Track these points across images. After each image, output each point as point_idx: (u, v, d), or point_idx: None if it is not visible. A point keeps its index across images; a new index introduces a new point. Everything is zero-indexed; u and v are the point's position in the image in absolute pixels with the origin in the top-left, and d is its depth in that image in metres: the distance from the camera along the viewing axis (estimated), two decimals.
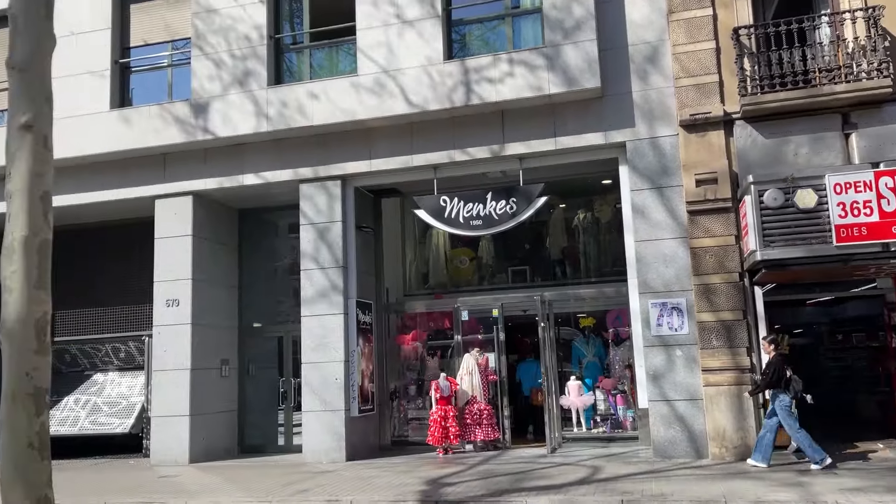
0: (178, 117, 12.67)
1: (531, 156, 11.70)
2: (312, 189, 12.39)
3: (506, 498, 8.14)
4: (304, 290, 12.23)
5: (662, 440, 10.37)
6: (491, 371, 12.88)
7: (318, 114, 12.03)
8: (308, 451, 11.87)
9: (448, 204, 11.91)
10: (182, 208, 12.91)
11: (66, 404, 14.15)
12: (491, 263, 14.82)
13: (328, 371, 11.88)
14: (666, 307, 10.60)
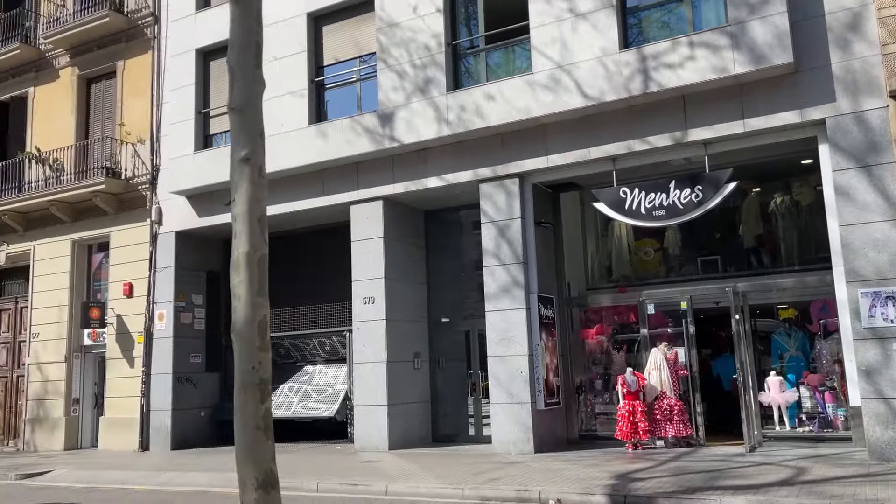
0: (368, 128, 13.58)
1: (717, 140, 11.16)
2: (491, 188, 12.73)
3: (699, 496, 7.89)
4: (487, 286, 12.60)
5: (879, 441, 9.45)
6: (681, 366, 12.45)
7: (494, 114, 12.34)
8: (497, 442, 12.22)
9: (628, 195, 11.70)
10: (373, 212, 13.82)
11: (282, 391, 15.72)
12: (678, 254, 14.29)
13: (513, 364, 12.16)
14: (879, 297, 9.64)
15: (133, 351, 16.56)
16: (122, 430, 16.34)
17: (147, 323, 16.37)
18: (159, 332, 16.17)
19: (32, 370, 18.05)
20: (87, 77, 18.50)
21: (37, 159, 18.22)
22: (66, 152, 17.95)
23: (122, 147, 17.31)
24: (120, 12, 17.53)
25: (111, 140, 17.47)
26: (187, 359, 16.22)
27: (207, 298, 16.76)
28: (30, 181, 18.31)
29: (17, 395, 18.84)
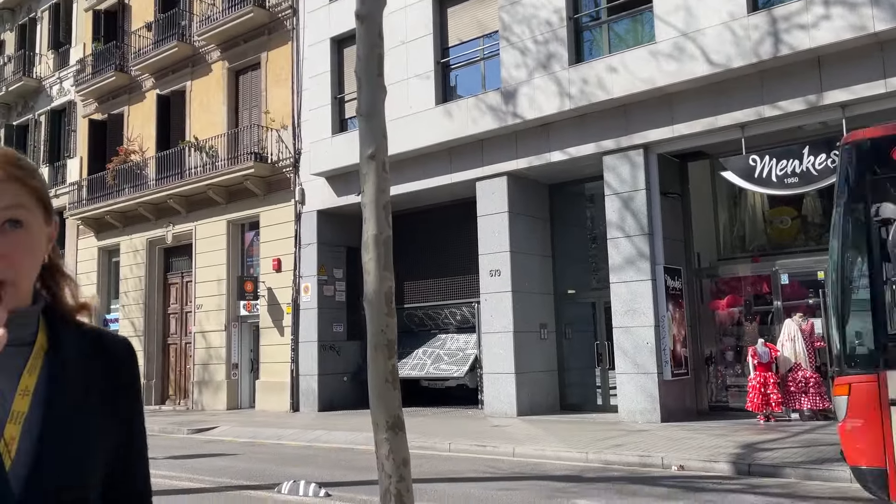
0: (491, 105, 13.99)
1: (856, 102, 10.64)
2: (615, 160, 12.79)
3: (828, 466, 7.83)
4: (612, 258, 12.74)
5: None
6: (818, 338, 12.05)
7: (617, 86, 12.36)
8: (623, 411, 12.44)
9: (758, 163, 11.40)
10: (498, 188, 14.26)
11: (416, 354, 16.72)
12: (817, 221, 13.70)
13: (639, 335, 12.27)
14: None
15: (283, 321, 18.08)
16: (275, 393, 17.96)
17: (294, 295, 17.80)
18: (305, 304, 17.55)
19: (198, 338, 20.13)
20: (235, 69, 20.13)
21: (195, 147, 20.10)
22: (219, 140, 19.68)
23: (267, 133, 18.76)
24: (262, 7, 18.89)
25: (258, 127, 18.97)
26: (330, 328, 17.51)
27: (347, 272, 17.96)
28: (189, 167, 20.25)
29: (185, 360, 21.10)
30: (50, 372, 1.07)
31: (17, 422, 1.02)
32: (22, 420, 1.02)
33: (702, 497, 6.99)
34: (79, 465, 1.05)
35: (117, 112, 23.54)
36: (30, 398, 1.04)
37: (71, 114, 25.53)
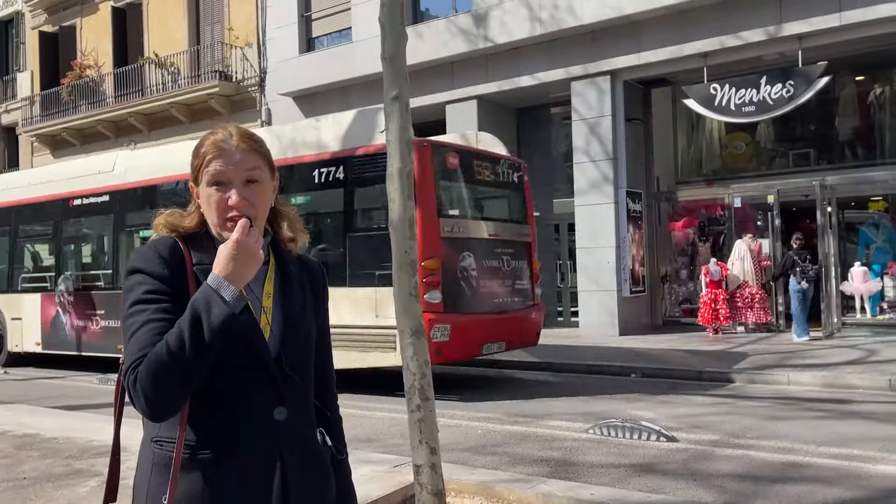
0: (462, 28, 14.10)
1: (812, 34, 11.18)
2: (583, 86, 13.17)
3: (768, 371, 8.73)
4: (577, 182, 13.30)
5: None
6: (764, 257, 12.96)
7: (587, 12, 12.61)
8: (584, 326, 13.29)
9: (719, 91, 11.95)
10: (468, 112, 14.53)
11: None
12: (769, 147, 14.46)
13: (601, 255, 13.00)
14: None
15: None
16: None
17: None
18: None
19: None
20: None
21: (155, 64, 19.67)
22: (180, 57, 19.29)
23: (231, 51, 18.48)
24: None
25: (221, 44, 18.64)
26: None
27: None
28: (150, 85, 19.87)
29: None
30: (281, 280, 1.57)
31: (267, 314, 1.51)
32: (270, 312, 1.52)
33: (659, 398, 7.80)
34: (305, 341, 1.56)
35: (69, 24, 22.68)
36: (271, 297, 1.53)
37: (19, 24, 24.48)
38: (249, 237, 1.39)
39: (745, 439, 5.87)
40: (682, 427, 6.31)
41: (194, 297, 1.37)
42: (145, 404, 1.34)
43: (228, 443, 1.44)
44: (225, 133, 1.51)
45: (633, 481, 4.88)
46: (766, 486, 4.67)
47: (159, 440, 1.45)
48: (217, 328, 1.32)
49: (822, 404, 7.20)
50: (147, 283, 1.42)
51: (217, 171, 1.47)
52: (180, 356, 1.31)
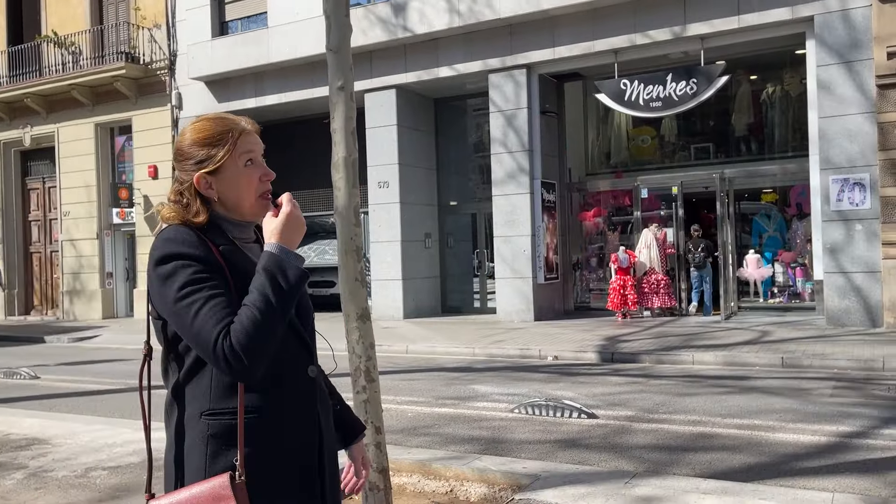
0: (381, 17, 14.14)
1: (713, 35, 11.88)
2: (500, 78, 13.50)
3: (674, 352, 9.33)
4: (495, 173, 13.64)
5: (836, 309, 10.86)
6: (669, 245, 13.72)
7: (504, 6, 12.91)
8: (501, 312, 13.68)
9: (628, 87, 12.52)
10: (387, 100, 14.62)
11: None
12: (673, 141, 15.25)
13: (517, 244, 13.41)
14: (848, 182, 10.75)
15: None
16: None
17: None
18: None
19: (66, 246, 19.34)
20: None
21: (54, 43, 18.66)
22: (82, 37, 18.38)
23: (138, 32, 17.76)
24: None
25: (127, 24, 17.89)
26: None
27: None
28: (49, 65, 18.83)
29: (51, 269, 20.26)
30: None
31: None
32: None
33: (577, 379, 8.22)
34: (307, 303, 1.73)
35: None
36: None
37: None
38: (296, 208, 1.56)
39: (659, 414, 6.30)
40: (600, 405, 6.70)
41: (264, 265, 1.50)
42: (247, 363, 1.42)
43: (280, 403, 1.57)
44: (234, 119, 1.64)
45: (560, 455, 5.18)
46: (680, 455, 5.07)
47: (212, 412, 1.54)
48: (295, 284, 1.49)
49: (725, 381, 7.79)
50: (190, 265, 1.50)
51: (250, 150, 1.62)
52: (271, 314, 1.44)
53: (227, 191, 1.61)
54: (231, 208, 1.63)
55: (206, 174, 1.59)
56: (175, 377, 1.59)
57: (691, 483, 4.20)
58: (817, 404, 6.45)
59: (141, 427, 1.71)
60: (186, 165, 1.61)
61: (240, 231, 1.67)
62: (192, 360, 1.55)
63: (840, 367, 8.15)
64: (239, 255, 1.60)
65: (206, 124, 1.63)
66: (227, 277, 1.52)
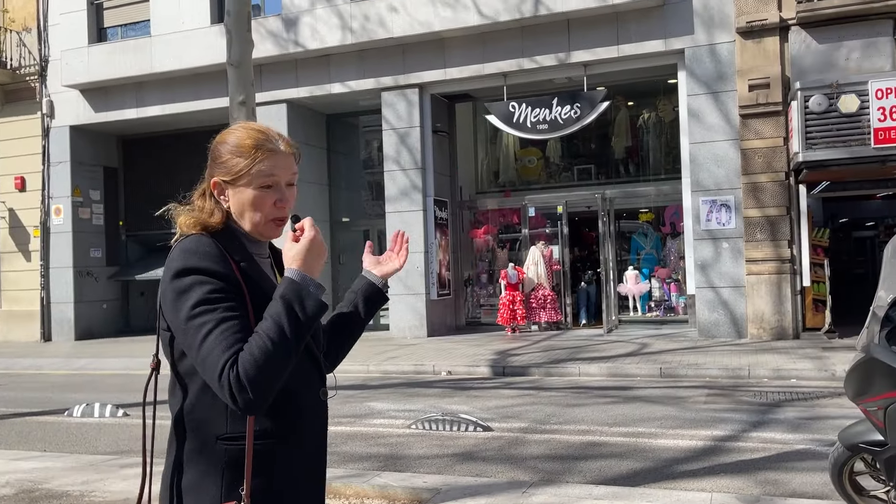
0: (272, 31, 13.95)
1: (595, 63, 12.54)
2: (393, 96, 13.63)
3: (562, 365, 9.70)
4: (388, 190, 13.72)
5: (707, 322, 11.66)
6: (555, 262, 14.26)
7: (397, 26, 13.08)
8: (395, 328, 13.72)
9: (516, 109, 12.97)
10: (277, 115, 14.38)
11: None
12: (558, 162, 15.91)
13: (410, 261, 13.50)
14: (715, 204, 11.61)
15: (29, 244, 16.61)
16: (22, 322, 16.61)
17: (43, 217, 16.40)
18: (57, 227, 16.28)
19: None
20: None
21: None
22: None
23: (5, 35, 16.61)
24: None
25: None
26: (87, 253, 16.50)
27: (105, 194, 16.91)
28: None
29: None
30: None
31: None
32: None
33: (471, 393, 8.38)
34: None
35: None
36: None
37: None
38: (319, 233, 1.51)
39: (550, 425, 6.55)
40: (494, 418, 6.87)
41: (282, 292, 1.43)
42: (251, 395, 1.34)
43: (296, 428, 1.53)
44: (269, 134, 1.59)
45: (458, 468, 5.28)
46: (572, 464, 5.30)
47: (230, 437, 1.46)
48: (312, 316, 1.42)
49: (610, 391, 8.19)
50: (208, 282, 1.43)
51: (271, 174, 1.55)
52: (284, 346, 1.37)
53: (238, 204, 1.57)
54: (241, 222, 1.59)
55: (223, 181, 1.57)
56: (181, 397, 1.51)
57: (584, 490, 4.40)
58: (693, 411, 6.91)
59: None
60: (213, 166, 1.60)
61: (255, 246, 1.63)
62: (203, 380, 1.47)
63: (712, 376, 8.76)
64: (257, 272, 1.55)
65: (242, 133, 1.60)
66: (246, 297, 1.47)
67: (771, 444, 5.59)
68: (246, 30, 3.69)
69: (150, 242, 16.84)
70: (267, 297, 1.46)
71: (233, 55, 3.66)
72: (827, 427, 5.94)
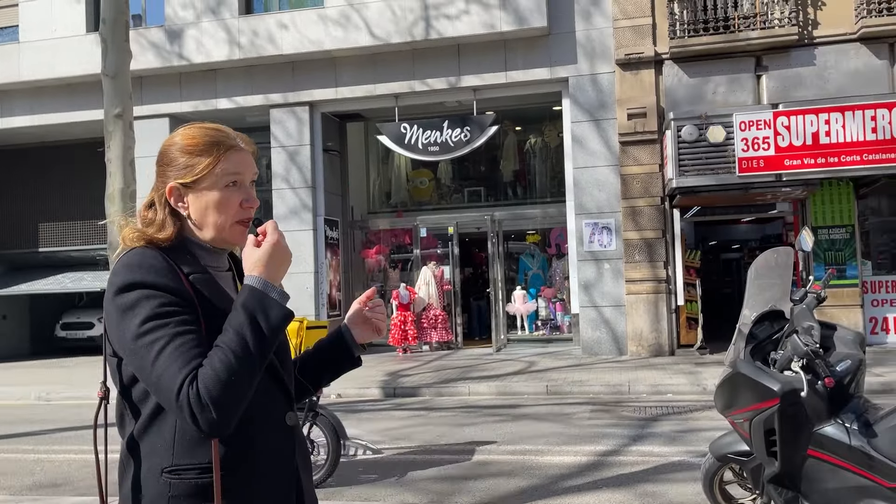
0: (154, 42, 13.41)
1: (484, 88, 12.84)
2: (282, 114, 13.40)
3: (452, 385, 9.76)
4: (276, 208, 13.42)
5: (590, 340, 12.09)
6: (446, 282, 14.39)
7: (287, 43, 12.90)
8: None
9: (408, 131, 13.07)
10: (159, 130, 13.77)
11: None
12: (449, 184, 16.13)
13: (300, 281, 13.24)
14: (597, 226, 12.11)
15: None
16: None
17: None
18: None
19: None
20: None
21: None
22: None
23: None
24: None
25: None
26: None
27: None
28: None
29: None
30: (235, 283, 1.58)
31: None
32: None
33: (361, 416, 8.27)
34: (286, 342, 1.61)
35: None
36: None
37: None
38: (282, 238, 1.39)
39: (440, 445, 6.55)
40: (385, 440, 6.80)
41: (244, 301, 1.32)
42: (216, 415, 1.22)
43: (257, 457, 1.40)
44: (227, 132, 1.48)
45: (348, 493, 5.18)
46: (461, 484, 5.31)
47: (176, 469, 1.33)
48: (276, 327, 1.32)
49: (498, 409, 8.30)
50: (156, 296, 1.31)
51: (236, 171, 1.44)
52: (248, 360, 1.26)
53: (200, 209, 1.44)
54: (202, 229, 1.46)
55: (182, 185, 1.44)
56: (132, 425, 1.38)
57: None
58: (578, 427, 7.12)
59: None
60: (166, 171, 1.47)
61: (212, 258, 1.49)
62: (152, 406, 1.35)
63: (595, 393, 9.07)
64: (212, 286, 1.42)
65: (195, 131, 1.49)
66: (199, 312, 1.34)
67: (649, 458, 5.83)
68: (123, 39, 3.52)
69: (17, 261, 15.66)
70: (223, 313, 1.36)
71: (108, 65, 3.49)
72: (700, 439, 6.27)
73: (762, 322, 3.38)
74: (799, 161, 10.16)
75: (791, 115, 10.23)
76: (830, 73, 11.14)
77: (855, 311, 11.08)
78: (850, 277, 11.16)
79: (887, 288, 11.38)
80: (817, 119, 10.13)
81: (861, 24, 10.80)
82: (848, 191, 11.19)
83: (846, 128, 10.04)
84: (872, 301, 11.37)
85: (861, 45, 11.06)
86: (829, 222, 11.29)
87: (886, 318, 11.33)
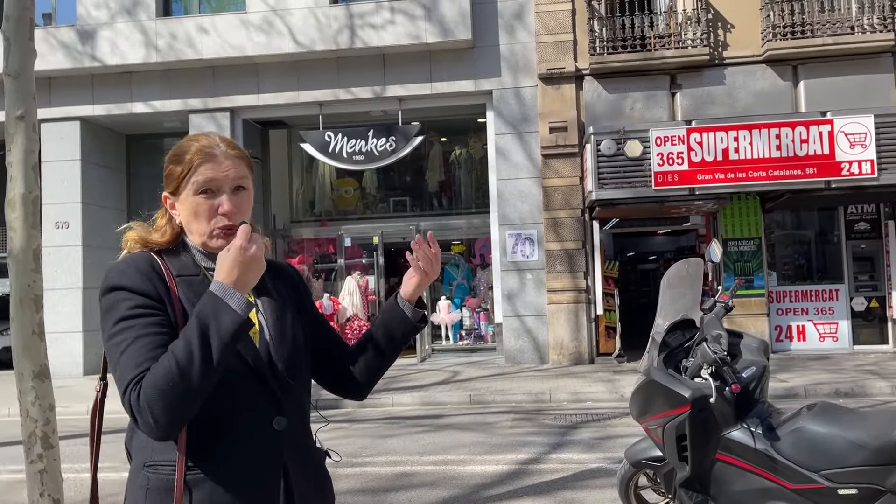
0: (64, 42, 12.84)
1: (409, 98, 12.87)
2: (202, 119, 13.05)
3: (376, 396, 9.66)
4: None
5: (513, 349, 12.23)
6: (371, 292, 14.29)
7: (207, 47, 12.59)
8: None
9: (332, 139, 12.95)
10: (69, 133, 13.22)
11: None
12: (374, 193, 16.04)
13: None
14: (520, 237, 12.29)
15: None
16: None
17: None
18: None
19: None
20: None
21: None
22: None
23: None
24: None
25: None
26: None
27: None
28: None
29: None
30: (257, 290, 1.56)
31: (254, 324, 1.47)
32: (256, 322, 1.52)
33: None
34: (296, 347, 1.57)
35: None
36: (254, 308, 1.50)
37: None
38: (252, 242, 1.36)
39: (362, 458, 6.48)
40: None
41: (199, 307, 1.30)
42: (152, 421, 1.24)
43: (229, 459, 1.39)
44: (209, 140, 1.50)
45: None
46: (383, 496, 5.26)
47: (153, 464, 1.38)
48: (228, 336, 1.29)
49: (421, 420, 8.28)
50: (130, 298, 1.34)
51: (208, 179, 1.45)
52: (189, 368, 1.25)
53: (186, 216, 1.49)
54: (191, 235, 1.50)
55: (168, 193, 1.51)
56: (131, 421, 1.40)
57: None
58: (500, 436, 7.18)
59: None
60: (165, 181, 1.53)
61: (209, 261, 1.51)
62: None
63: (517, 401, 9.17)
64: (202, 287, 1.42)
65: (182, 141, 1.53)
66: (175, 316, 1.37)
67: (569, 465, 5.93)
68: (28, 38, 3.34)
69: None
70: None
71: (10, 64, 3.29)
72: (617, 445, 6.42)
73: (674, 331, 3.50)
74: (710, 176, 10.61)
75: (703, 131, 10.67)
76: (739, 93, 11.70)
77: (762, 320, 11.63)
78: (757, 288, 11.71)
79: (791, 298, 12.00)
80: (727, 136, 10.61)
81: (767, 46, 11.40)
82: (755, 205, 11.76)
83: (753, 145, 10.55)
84: (777, 310, 11.96)
85: (767, 67, 11.67)
86: (737, 235, 11.83)
87: (790, 327, 11.94)
